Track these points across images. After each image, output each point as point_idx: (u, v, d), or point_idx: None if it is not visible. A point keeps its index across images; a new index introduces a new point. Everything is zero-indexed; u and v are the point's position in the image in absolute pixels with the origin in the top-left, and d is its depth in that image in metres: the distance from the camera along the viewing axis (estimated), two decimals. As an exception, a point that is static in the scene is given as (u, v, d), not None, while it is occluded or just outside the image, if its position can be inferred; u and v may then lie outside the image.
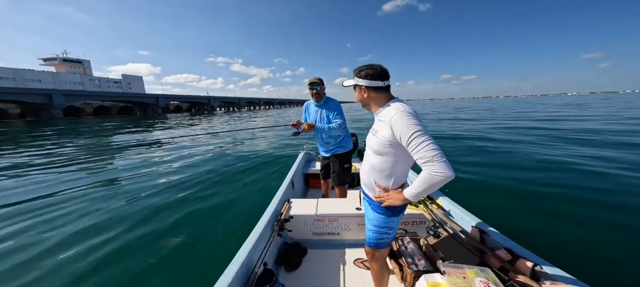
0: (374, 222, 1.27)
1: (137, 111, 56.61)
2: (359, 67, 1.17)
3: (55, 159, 7.58)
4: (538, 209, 3.28)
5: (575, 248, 2.42)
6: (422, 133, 0.99)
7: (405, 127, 1.01)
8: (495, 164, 5.40)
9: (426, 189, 1.01)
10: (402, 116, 1.03)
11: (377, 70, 1.13)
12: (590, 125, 10.96)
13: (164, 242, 2.70)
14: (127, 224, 3.14)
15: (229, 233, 2.85)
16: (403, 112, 1.04)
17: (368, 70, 1.14)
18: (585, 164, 4.96)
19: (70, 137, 12.95)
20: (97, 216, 3.44)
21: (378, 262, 1.36)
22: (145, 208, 3.59)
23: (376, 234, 1.28)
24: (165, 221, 3.19)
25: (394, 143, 1.09)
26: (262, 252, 1.55)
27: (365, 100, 1.19)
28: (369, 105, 1.20)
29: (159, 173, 5.41)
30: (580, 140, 7.56)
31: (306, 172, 3.42)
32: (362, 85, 1.15)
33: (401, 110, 1.05)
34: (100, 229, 3.04)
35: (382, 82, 1.13)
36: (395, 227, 1.29)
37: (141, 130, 16.37)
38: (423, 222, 2.04)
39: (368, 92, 1.16)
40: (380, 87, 1.13)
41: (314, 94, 2.22)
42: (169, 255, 2.51)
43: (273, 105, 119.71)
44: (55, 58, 64.54)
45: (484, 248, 1.52)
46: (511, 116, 17.33)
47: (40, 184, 5.03)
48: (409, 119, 1.02)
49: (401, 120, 1.02)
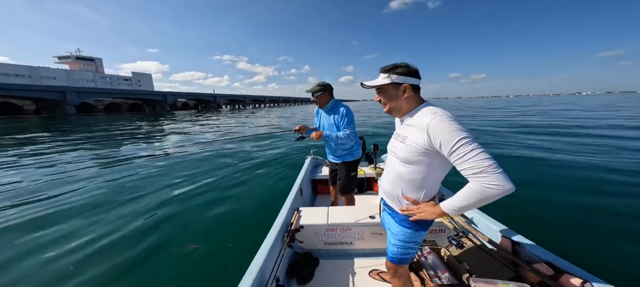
0: (399, 236, 1.16)
1: (146, 108, 57.76)
2: (392, 65, 1.05)
3: (57, 167, 7.67)
4: (584, 221, 2.94)
5: (628, 267, 2.15)
6: (470, 141, 0.87)
7: (448, 134, 0.89)
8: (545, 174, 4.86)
9: (474, 203, 0.89)
10: (442, 121, 0.91)
11: (415, 68, 1.05)
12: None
13: (181, 251, 2.58)
14: (129, 234, 3.01)
15: (237, 243, 2.73)
16: (443, 116, 0.93)
17: (408, 67, 1.03)
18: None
19: (80, 135, 13.20)
20: (93, 222, 3.41)
21: (401, 279, 1.25)
22: (148, 216, 3.46)
23: (401, 248, 1.16)
24: (169, 230, 3.07)
25: (429, 151, 0.97)
26: (273, 267, 1.46)
27: (401, 101, 1.05)
28: (400, 107, 1.07)
29: (159, 179, 5.29)
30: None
31: (314, 178, 3.30)
32: (403, 83, 1.02)
33: (440, 114, 0.94)
34: (95, 237, 2.95)
35: (420, 80, 1.06)
36: (420, 241, 1.17)
37: (145, 135, 16.54)
38: (443, 230, 1.89)
39: (409, 91, 1.03)
40: (418, 86, 1.06)
41: (314, 101, 2.20)
42: (181, 265, 2.41)
43: (278, 104, 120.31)
44: (69, 56, 66.51)
45: (519, 261, 1.36)
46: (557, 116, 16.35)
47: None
48: (452, 124, 0.90)
49: (441, 125, 0.91)
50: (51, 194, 4.29)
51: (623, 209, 3.14)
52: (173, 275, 2.28)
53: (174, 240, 2.81)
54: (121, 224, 3.17)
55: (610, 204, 3.28)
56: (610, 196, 3.56)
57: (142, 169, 5.75)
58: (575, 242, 2.56)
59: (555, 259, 1.28)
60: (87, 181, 4.94)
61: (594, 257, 2.34)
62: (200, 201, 3.86)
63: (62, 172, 5.68)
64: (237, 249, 2.59)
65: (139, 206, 3.70)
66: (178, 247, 2.65)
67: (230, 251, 2.58)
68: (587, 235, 2.69)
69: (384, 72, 1.06)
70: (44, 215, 3.50)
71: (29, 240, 2.86)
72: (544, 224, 2.93)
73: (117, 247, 2.70)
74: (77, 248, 2.67)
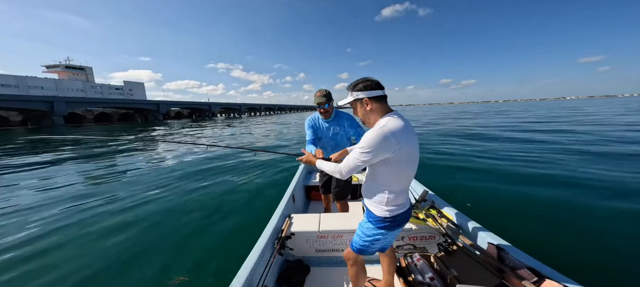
0: (363, 228, 1.32)
1: (138, 118, 56.72)
2: (354, 82, 1.19)
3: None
4: (566, 225, 3.01)
5: (610, 271, 2.17)
6: (365, 152, 1.09)
7: (363, 138, 1.11)
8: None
9: (329, 170, 1.33)
10: (371, 132, 1.09)
11: (374, 81, 1.17)
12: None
13: (166, 278, 2.34)
14: (113, 246, 2.94)
15: (226, 252, 2.68)
16: (378, 130, 1.07)
17: (365, 82, 1.16)
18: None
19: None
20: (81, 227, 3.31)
21: (354, 267, 1.40)
22: (132, 223, 3.43)
23: (361, 239, 1.32)
24: (151, 244, 2.94)
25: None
26: (262, 275, 1.44)
27: (368, 113, 1.18)
28: (369, 119, 1.20)
29: (145, 185, 5.21)
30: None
31: (307, 184, 3.30)
32: (363, 98, 1.15)
33: (378, 128, 1.07)
34: (84, 243, 2.90)
35: (381, 91, 1.16)
36: (383, 240, 1.29)
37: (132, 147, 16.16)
38: (433, 237, 1.92)
39: (371, 104, 1.15)
40: (380, 96, 1.16)
41: (322, 113, 2.01)
42: (159, 277, 2.33)
43: (273, 111, 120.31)
44: (58, 65, 65.20)
45: (503, 267, 1.40)
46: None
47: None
48: (373, 137, 1.06)
49: (368, 134, 1.10)
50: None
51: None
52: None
53: (149, 258, 2.66)
54: (108, 240, 3.06)
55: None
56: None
57: (121, 173, 5.62)
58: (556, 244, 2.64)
59: (538, 265, 1.33)
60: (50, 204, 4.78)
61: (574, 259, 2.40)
62: (180, 209, 3.79)
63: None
64: (227, 260, 2.52)
65: (116, 217, 3.60)
66: (160, 274, 2.36)
67: (218, 262, 2.50)
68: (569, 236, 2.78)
69: (348, 90, 1.21)
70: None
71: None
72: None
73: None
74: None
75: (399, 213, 1.22)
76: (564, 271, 1.27)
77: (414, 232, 1.90)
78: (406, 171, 1.15)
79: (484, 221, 1.83)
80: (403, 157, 1.09)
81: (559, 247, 2.57)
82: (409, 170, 1.16)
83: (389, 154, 1.07)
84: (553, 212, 3.31)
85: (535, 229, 2.96)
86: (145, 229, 3.27)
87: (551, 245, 2.62)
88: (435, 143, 9.44)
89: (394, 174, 1.14)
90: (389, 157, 1.08)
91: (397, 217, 1.22)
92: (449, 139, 10.29)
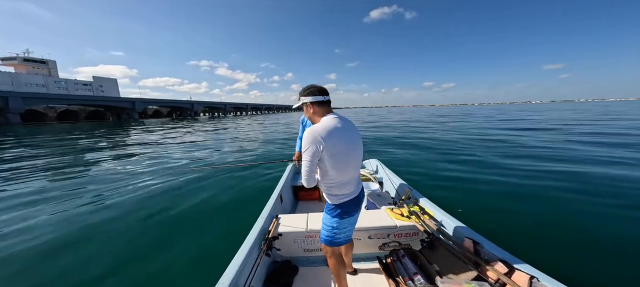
0: (324, 218, 1.46)
1: (110, 116, 52.78)
2: (303, 88, 1.39)
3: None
4: (531, 216, 3.26)
5: (571, 260, 2.36)
6: (305, 154, 1.25)
7: (302, 141, 1.28)
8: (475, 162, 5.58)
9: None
10: (305, 133, 1.26)
11: (318, 88, 1.34)
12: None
13: (138, 269, 2.38)
14: (89, 246, 2.77)
15: (211, 255, 2.59)
16: (309, 130, 1.24)
17: (310, 89, 1.35)
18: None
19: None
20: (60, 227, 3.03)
21: (332, 258, 1.47)
22: (113, 224, 3.23)
23: (324, 231, 1.45)
24: (136, 242, 2.87)
25: None
26: (248, 276, 1.42)
27: (312, 115, 1.36)
28: (314, 120, 1.37)
29: (124, 186, 4.95)
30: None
31: (295, 185, 3.28)
32: (307, 102, 1.34)
33: (309, 129, 1.25)
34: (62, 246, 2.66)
35: (322, 96, 1.32)
36: (342, 228, 1.40)
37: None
38: (416, 233, 2.01)
39: (313, 107, 1.34)
40: (322, 101, 1.33)
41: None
42: (143, 282, 2.23)
43: (260, 111, 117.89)
44: (15, 58, 58.71)
45: (479, 260, 1.50)
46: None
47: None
48: (306, 138, 1.23)
49: (304, 135, 1.27)
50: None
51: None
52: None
53: (129, 255, 2.56)
54: (82, 242, 2.84)
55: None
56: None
57: (96, 172, 5.22)
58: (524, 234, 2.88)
59: (509, 258, 1.45)
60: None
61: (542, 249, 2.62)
62: (162, 210, 3.61)
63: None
64: (212, 263, 2.44)
65: (92, 217, 3.35)
66: (136, 264, 2.42)
67: (202, 265, 2.42)
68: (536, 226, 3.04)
69: (300, 95, 1.39)
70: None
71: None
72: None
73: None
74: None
75: (345, 201, 1.36)
76: (531, 261, 1.39)
77: (399, 229, 1.98)
78: (342, 164, 1.28)
79: (461, 217, 1.95)
80: (335, 151, 1.24)
81: (524, 238, 2.80)
82: (345, 163, 1.29)
83: (320, 150, 1.21)
84: (522, 207, 3.60)
85: (504, 222, 3.19)
86: (123, 233, 3.07)
87: (517, 235, 2.84)
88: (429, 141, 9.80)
89: (333, 166, 1.26)
90: (322, 154, 1.23)
91: (345, 205, 1.36)
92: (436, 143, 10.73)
